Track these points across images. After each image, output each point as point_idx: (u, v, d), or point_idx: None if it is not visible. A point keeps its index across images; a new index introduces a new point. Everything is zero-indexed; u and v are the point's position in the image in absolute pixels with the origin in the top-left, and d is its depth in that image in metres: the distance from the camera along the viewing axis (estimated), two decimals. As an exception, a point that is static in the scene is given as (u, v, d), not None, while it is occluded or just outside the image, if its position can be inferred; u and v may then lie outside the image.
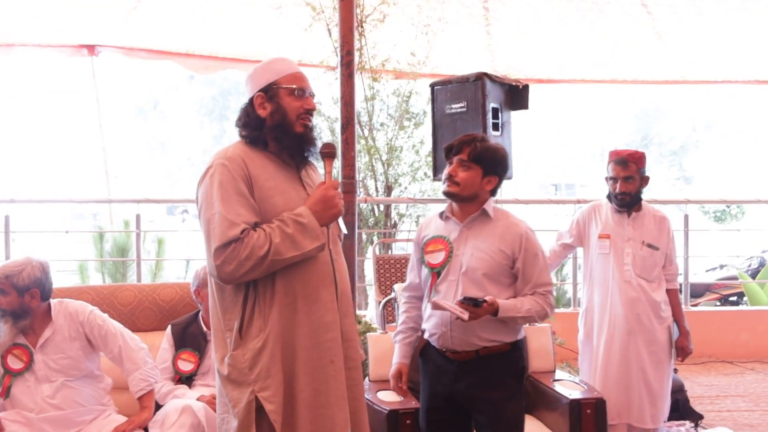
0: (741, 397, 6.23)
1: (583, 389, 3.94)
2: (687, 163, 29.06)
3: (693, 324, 4.68)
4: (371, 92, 7.77)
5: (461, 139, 3.39)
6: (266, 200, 2.78)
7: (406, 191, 7.90)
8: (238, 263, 2.65)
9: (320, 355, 2.80)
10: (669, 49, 8.63)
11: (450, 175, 3.34)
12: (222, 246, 2.66)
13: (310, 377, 2.78)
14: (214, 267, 2.68)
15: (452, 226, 3.42)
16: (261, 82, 2.88)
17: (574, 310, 7.30)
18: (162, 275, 8.57)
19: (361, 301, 7.65)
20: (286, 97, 2.86)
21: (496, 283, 3.30)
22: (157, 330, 4.43)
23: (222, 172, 2.74)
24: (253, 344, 2.74)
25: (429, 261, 3.41)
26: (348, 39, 4.15)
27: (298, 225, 2.73)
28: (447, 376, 3.36)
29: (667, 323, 4.43)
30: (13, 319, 3.77)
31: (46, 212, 15.42)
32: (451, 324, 3.28)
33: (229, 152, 2.81)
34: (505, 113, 5.22)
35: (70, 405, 3.79)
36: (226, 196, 2.71)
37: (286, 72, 2.89)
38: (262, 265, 2.68)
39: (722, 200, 14.59)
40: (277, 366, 2.74)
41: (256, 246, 2.66)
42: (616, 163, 4.40)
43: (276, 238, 2.68)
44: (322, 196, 2.81)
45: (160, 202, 6.69)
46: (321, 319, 2.81)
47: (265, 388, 2.72)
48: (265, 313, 2.76)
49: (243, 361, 2.74)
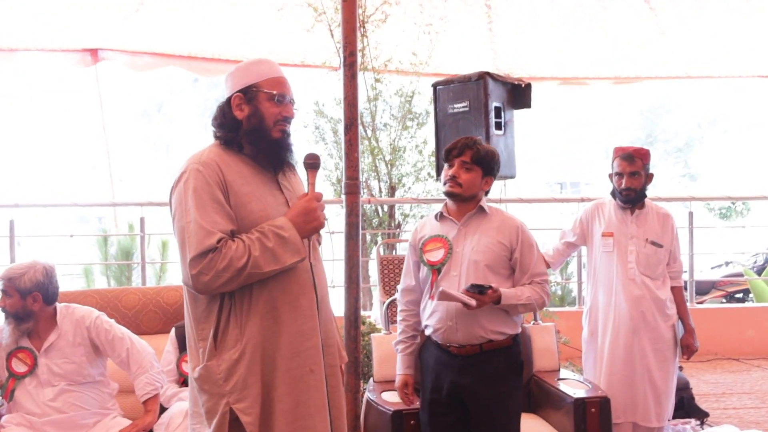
0: (747, 394, 6.22)
1: (588, 388, 3.94)
2: (692, 159, 28.98)
3: (698, 321, 4.68)
4: (374, 93, 7.76)
5: (463, 142, 3.50)
6: (242, 206, 2.70)
7: (410, 191, 7.89)
8: (215, 274, 2.57)
9: (300, 364, 2.73)
10: (672, 44, 8.62)
11: (453, 176, 3.46)
12: (198, 255, 2.57)
13: (289, 387, 2.71)
14: (190, 277, 2.59)
15: (449, 226, 3.53)
16: (241, 83, 2.79)
17: (579, 308, 7.30)
18: (166, 278, 8.58)
19: (366, 301, 7.65)
20: (265, 102, 2.77)
21: (497, 274, 3.44)
22: (161, 333, 4.45)
23: (196, 178, 2.65)
24: (229, 355, 2.66)
25: (428, 259, 3.49)
26: (351, 40, 4.13)
27: (279, 238, 2.64)
28: (450, 372, 3.43)
29: (672, 321, 4.42)
30: (15, 321, 3.79)
31: (50, 216, 15.45)
32: (457, 317, 3.38)
33: (204, 157, 2.72)
34: (508, 112, 5.21)
35: (73, 408, 3.81)
36: (201, 204, 2.62)
37: (269, 75, 2.80)
38: (240, 277, 2.60)
39: (727, 197, 14.49)
40: (254, 376, 2.67)
41: (234, 257, 2.57)
42: (622, 158, 4.40)
43: (255, 251, 2.60)
44: (304, 209, 2.73)
45: (164, 205, 6.66)
46: (300, 327, 2.74)
47: (240, 400, 2.65)
48: (241, 323, 2.68)
49: (218, 372, 2.67)
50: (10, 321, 3.81)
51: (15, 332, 3.81)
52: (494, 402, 3.39)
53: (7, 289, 3.79)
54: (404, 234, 7.97)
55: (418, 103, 8.04)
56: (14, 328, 3.81)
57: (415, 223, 8.07)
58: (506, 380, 3.45)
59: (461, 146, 3.47)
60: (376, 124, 7.87)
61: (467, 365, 3.40)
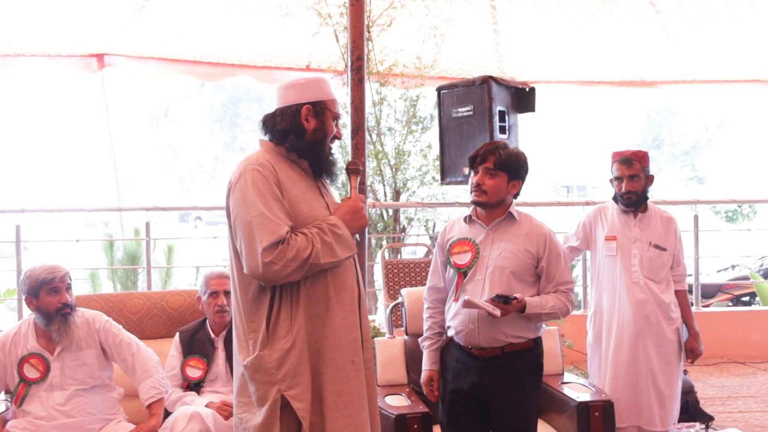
0: (753, 398, 6.19)
1: (592, 392, 3.93)
2: (699, 162, 28.90)
3: (705, 325, 4.66)
4: (379, 97, 7.77)
5: (485, 148, 3.48)
6: (293, 206, 2.87)
7: (415, 195, 7.91)
8: (284, 263, 2.73)
9: (342, 355, 2.89)
10: (678, 48, 8.60)
11: (478, 184, 3.45)
12: (271, 245, 2.72)
13: (333, 377, 2.87)
14: (261, 266, 2.73)
15: (478, 229, 3.53)
16: (311, 96, 2.98)
17: (583, 312, 7.28)
18: (172, 282, 8.60)
19: (371, 305, 7.65)
20: (329, 120, 2.99)
21: (521, 281, 3.45)
22: (166, 337, 4.45)
23: (256, 176, 2.82)
24: (281, 345, 2.81)
25: (455, 262, 3.51)
26: (358, 44, 4.14)
27: (335, 234, 2.86)
28: (472, 373, 3.45)
29: (676, 325, 4.41)
30: (56, 320, 3.84)
31: (57, 221, 15.49)
32: (479, 321, 3.40)
33: (260, 158, 2.89)
34: (512, 116, 5.23)
35: (81, 413, 3.83)
36: (265, 199, 2.79)
37: (332, 96, 3.03)
38: (304, 268, 2.78)
39: (732, 200, 14.51)
40: (304, 365, 2.83)
41: (300, 248, 2.75)
42: (621, 162, 4.40)
43: (318, 244, 2.79)
44: (352, 207, 2.97)
45: (169, 210, 6.69)
46: (344, 320, 2.91)
47: (292, 387, 2.81)
48: (292, 315, 2.84)
49: (270, 361, 2.81)
50: (43, 322, 3.84)
51: (39, 335, 3.86)
52: (514, 403, 3.43)
53: (70, 284, 3.90)
54: (409, 238, 7.98)
55: (422, 107, 8.06)
56: (44, 329, 3.85)
57: (420, 227, 8.10)
58: (526, 382, 3.48)
59: (484, 152, 3.45)
60: (380, 128, 7.88)
61: (489, 367, 3.43)
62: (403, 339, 4.34)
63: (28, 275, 3.85)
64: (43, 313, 3.83)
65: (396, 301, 4.81)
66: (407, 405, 3.79)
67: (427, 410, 3.69)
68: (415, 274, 6.40)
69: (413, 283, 6.29)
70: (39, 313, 3.85)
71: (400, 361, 4.26)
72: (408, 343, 4.29)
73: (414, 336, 4.16)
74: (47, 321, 3.83)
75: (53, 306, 3.81)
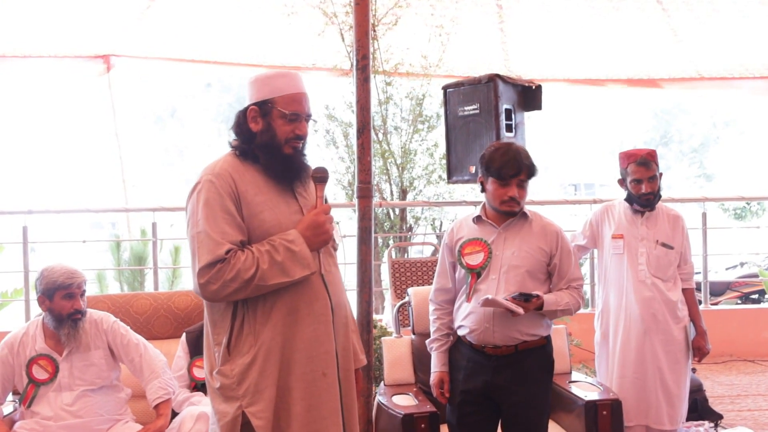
0: (762, 396, 6.17)
1: (600, 390, 3.92)
2: (707, 160, 28.81)
3: (713, 323, 4.63)
4: (385, 96, 7.76)
5: (517, 162, 3.40)
6: (255, 216, 2.72)
7: (421, 194, 7.90)
8: (222, 284, 2.61)
9: (313, 368, 2.76)
10: (685, 45, 8.58)
11: (513, 198, 3.41)
12: (207, 265, 2.61)
13: (303, 391, 2.74)
14: (198, 286, 2.65)
15: (488, 229, 3.52)
16: (258, 95, 2.84)
17: (591, 310, 7.26)
18: (179, 283, 8.60)
19: (378, 305, 7.65)
20: (278, 119, 2.80)
21: (535, 279, 3.46)
22: (173, 338, 4.47)
23: (209, 189, 2.70)
24: (242, 360, 2.70)
25: (468, 262, 3.49)
26: (363, 43, 4.12)
27: (289, 252, 2.68)
28: (485, 372, 3.44)
29: (684, 323, 4.38)
30: (66, 324, 3.84)
31: (64, 222, 15.52)
32: (494, 319, 3.40)
33: (217, 168, 2.76)
34: (519, 114, 5.20)
35: (88, 413, 3.84)
36: (211, 215, 2.66)
37: (285, 92, 2.82)
38: (247, 289, 2.64)
39: (740, 197, 14.44)
40: (267, 381, 2.70)
41: (242, 269, 2.61)
42: (638, 164, 4.33)
43: (264, 264, 2.64)
44: (312, 222, 2.76)
45: (175, 210, 6.69)
46: (314, 332, 2.76)
47: (253, 404, 2.69)
48: (255, 329, 2.71)
49: (231, 376, 2.71)
50: (53, 324, 3.84)
51: (48, 336, 3.87)
52: (527, 400, 3.43)
53: (85, 290, 3.90)
54: (415, 237, 7.97)
55: (428, 106, 8.04)
56: (53, 331, 3.86)
57: (426, 226, 8.08)
58: (538, 379, 3.49)
59: (517, 167, 3.39)
60: (387, 127, 7.87)
61: (502, 365, 3.43)
62: (410, 338, 4.33)
63: (45, 275, 3.83)
64: (55, 316, 3.83)
65: (403, 301, 4.81)
66: (414, 404, 3.78)
67: (435, 410, 3.68)
68: (422, 273, 6.39)
69: (420, 282, 6.28)
70: (51, 314, 3.85)
71: (407, 360, 4.25)
72: (415, 342, 4.28)
73: (421, 335, 4.16)
74: (57, 324, 3.83)
75: (66, 310, 3.81)
